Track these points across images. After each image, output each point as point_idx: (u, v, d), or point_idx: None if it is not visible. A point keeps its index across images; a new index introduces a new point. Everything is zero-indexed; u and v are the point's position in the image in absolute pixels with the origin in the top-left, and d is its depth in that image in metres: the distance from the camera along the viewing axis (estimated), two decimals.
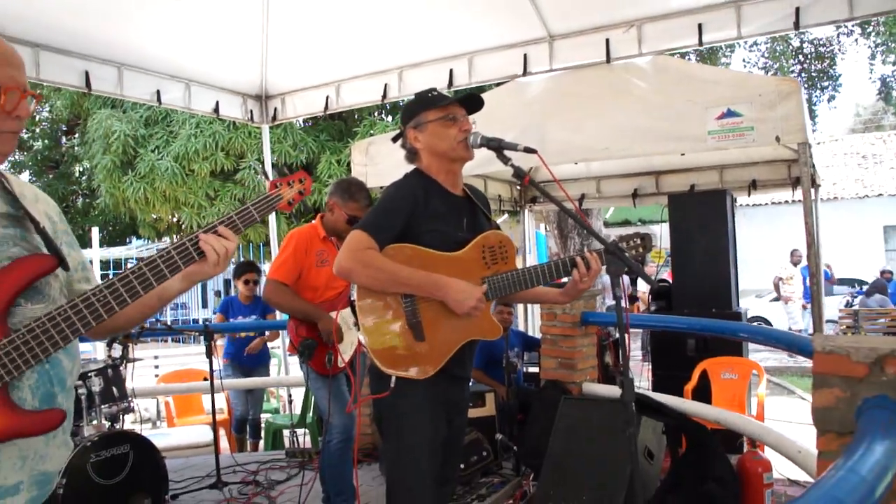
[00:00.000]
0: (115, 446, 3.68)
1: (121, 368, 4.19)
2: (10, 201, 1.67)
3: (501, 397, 5.04)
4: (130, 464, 3.70)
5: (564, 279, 2.67)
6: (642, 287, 14.02)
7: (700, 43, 5.23)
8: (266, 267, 11.55)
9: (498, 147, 2.49)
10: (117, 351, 4.28)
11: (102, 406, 4.04)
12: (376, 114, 14.68)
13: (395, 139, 2.79)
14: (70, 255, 1.73)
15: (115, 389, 4.08)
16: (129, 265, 1.73)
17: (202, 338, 4.94)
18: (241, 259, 13.36)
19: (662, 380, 6.06)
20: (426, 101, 2.69)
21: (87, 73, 5.63)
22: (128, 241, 21.04)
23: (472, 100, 2.69)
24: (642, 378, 6.63)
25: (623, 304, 2.28)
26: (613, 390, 4.70)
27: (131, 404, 4.24)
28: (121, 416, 4.22)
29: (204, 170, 13.97)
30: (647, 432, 3.92)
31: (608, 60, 5.47)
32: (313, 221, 4.17)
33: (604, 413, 4.06)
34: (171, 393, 6.60)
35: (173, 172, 13.98)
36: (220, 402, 7.12)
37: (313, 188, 10.10)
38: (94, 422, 4.01)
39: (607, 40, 5.51)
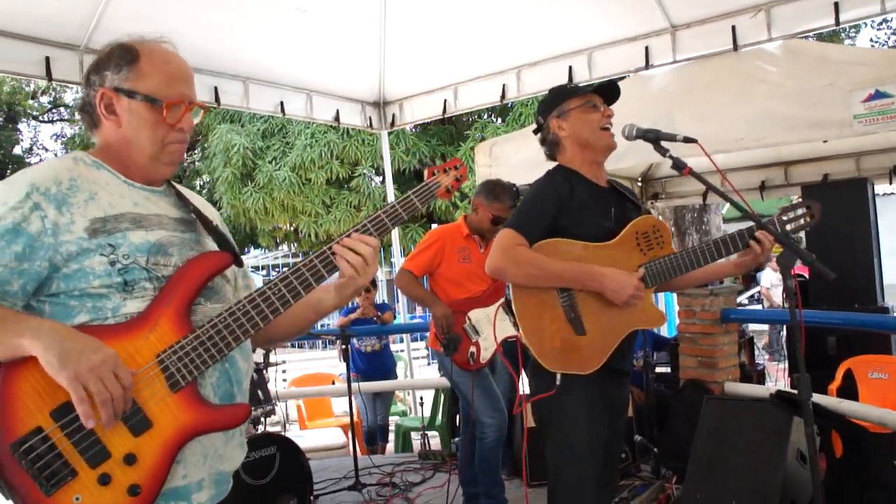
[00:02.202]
0: (262, 448, 3.81)
1: (264, 372, 4.33)
2: (183, 207, 1.74)
3: (637, 398, 4.92)
4: (277, 465, 3.82)
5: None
6: (765, 282, 13.48)
7: (837, 23, 4.93)
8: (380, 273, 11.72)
9: (655, 138, 2.42)
10: (259, 356, 4.42)
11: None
12: (486, 116, 14.69)
13: (536, 131, 2.77)
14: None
15: (259, 393, 4.21)
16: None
17: (327, 343, 5.04)
18: None
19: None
20: (566, 90, 2.70)
21: (216, 89, 5.87)
22: (246, 250, 21.81)
23: (609, 88, 2.66)
24: (772, 378, 6.35)
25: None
26: (758, 389, 4.51)
27: (275, 407, 4.37)
28: (263, 419, 4.35)
29: (320, 178, 14.33)
30: (798, 434, 3.72)
31: (735, 48, 5.24)
32: (458, 220, 4.31)
33: (751, 414, 3.88)
34: (308, 396, 6.78)
35: (290, 182, 14.40)
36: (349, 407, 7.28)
37: None
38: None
39: (733, 27, 5.29)
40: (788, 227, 2.50)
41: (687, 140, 2.34)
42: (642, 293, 2.44)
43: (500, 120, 14.75)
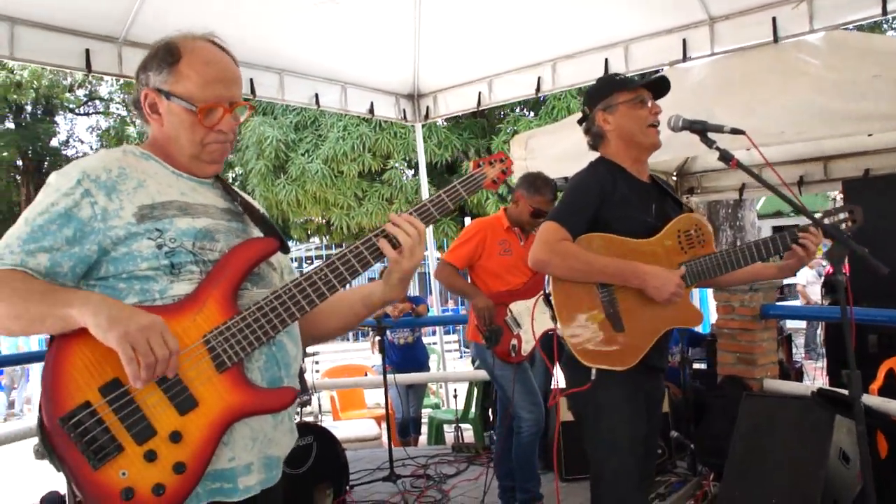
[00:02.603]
0: (300, 437, 3.81)
1: (301, 363, 4.35)
2: (230, 199, 1.77)
3: (673, 394, 4.87)
4: (314, 455, 3.83)
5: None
6: (801, 279, 13.28)
7: (884, 12, 4.81)
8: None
9: (702, 129, 2.39)
10: None
11: None
12: (518, 110, 14.64)
13: (580, 121, 2.74)
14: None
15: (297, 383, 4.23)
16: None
17: (359, 334, 5.06)
18: None
19: (841, 378, 5.66)
20: (617, 82, 2.65)
21: (251, 81, 5.90)
22: None
23: (659, 84, 2.62)
24: (810, 377, 6.25)
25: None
26: (798, 387, 4.44)
27: (311, 398, 4.39)
28: (299, 410, 4.37)
29: (352, 171, 14.39)
30: (841, 433, 3.66)
31: (776, 40, 5.15)
32: (498, 212, 4.30)
33: (792, 411, 3.82)
34: (343, 387, 6.82)
35: (323, 175, 14.47)
36: (382, 399, 7.30)
37: None
38: None
39: (774, 18, 5.20)
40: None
41: (735, 131, 2.31)
42: (682, 291, 2.43)
43: (532, 113, 14.68)
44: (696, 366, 6.05)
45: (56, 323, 1.42)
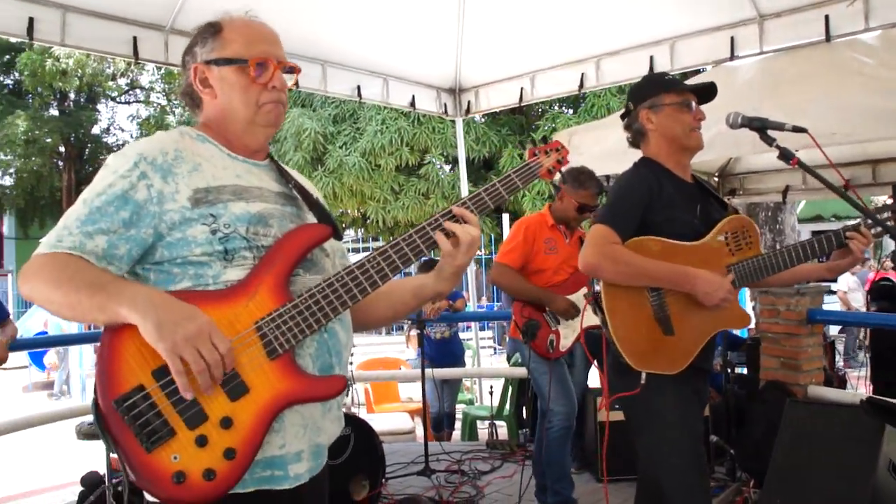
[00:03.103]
0: None
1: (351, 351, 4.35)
2: (284, 182, 1.76)
3: (712, 398, 4.80)
4: (352, 446, 3.83)
5: None
6: (842, 285, 13.04)
7: None
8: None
9: (761, 126, 2.35)
10: None
11: None
12: (556, 107, 14.55)
13: (623, 116, 2.71)
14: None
15: None
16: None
17: (393, 327, 5.06)
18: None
19: (888, 387, 5.53)
20: (664, 82, 2.63)
21: None
22: None
23: (707, 90, 2.61)
24: (852, 385, 6.11)
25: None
26: (843, 395, 4.34)
27: (349, 389, 4.38)
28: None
29: (389, 165, 14.42)
30: (891, 444, 3.56)
31: (828, 38, 5.04)
32: (542, 210, 4.26)
33: (838, 420, 3.72)
34: (380, 380, 6.83)
35: (360, 168, 14.52)
36: (417, 393, 7.30)
37: None
38: None
39: (826, 16, 5.09)
40: (872, 231, 2.47)
41: (796, 129, 2.25)
42: (732, 295, 2.41)
43: (571, 111, 14.59)
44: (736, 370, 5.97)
45: (108, 318, 1.43)
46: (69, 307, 1.44)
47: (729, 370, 4.66)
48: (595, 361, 2.58)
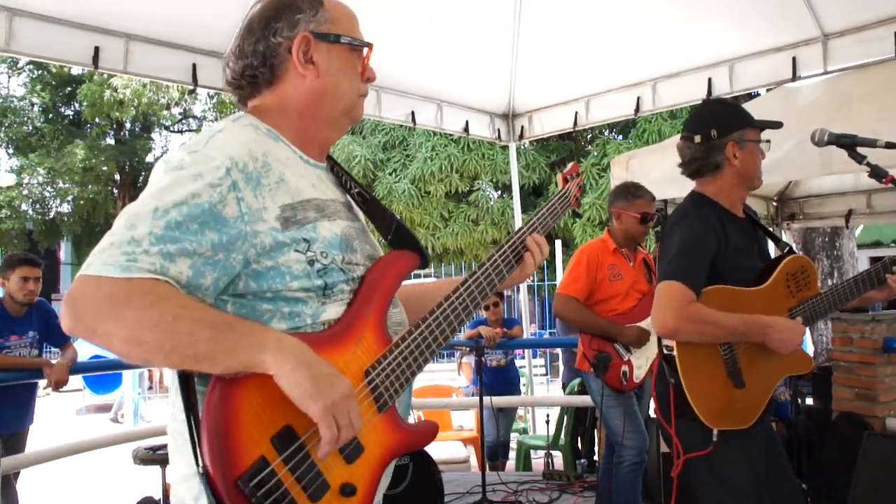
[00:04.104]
0: (398, 458, 3.75)
1: None
2: (340, 186, 1.57)
3: (779, 430, 4.61)
4: (410, 475, 3.75)
5: None
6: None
7: None
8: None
9: (850, 144, 2.25)
10: None
11: None
12: (607, 132, 14.46)
13: (699, 142, 2.57)
14: None
15: None
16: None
17: (444, 354, 4.98)
18: None
19: None
20: (747, 118, 2.50)
21: None
22: None
23: (771, 126, 2.52)
24: None
25: None
26: None
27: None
28: None
29: (439, 191, 14.44)
30: None
31: None
32: (601, 235, 4.17)
33: None
34: (434, 408, 6.75)
35: (410, 194, 14.56)
36: (469, 421, 7.21)
37: None
38: None
39: (895, 34, 4.94)
40: None
41: (889, 146, 2.14)
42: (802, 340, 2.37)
43: (621, 136, 14.48)
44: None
45: (236, 366, 1.16)
46: (170, 351, 1.13)
47: (797, 402, 4.46)
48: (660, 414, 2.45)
